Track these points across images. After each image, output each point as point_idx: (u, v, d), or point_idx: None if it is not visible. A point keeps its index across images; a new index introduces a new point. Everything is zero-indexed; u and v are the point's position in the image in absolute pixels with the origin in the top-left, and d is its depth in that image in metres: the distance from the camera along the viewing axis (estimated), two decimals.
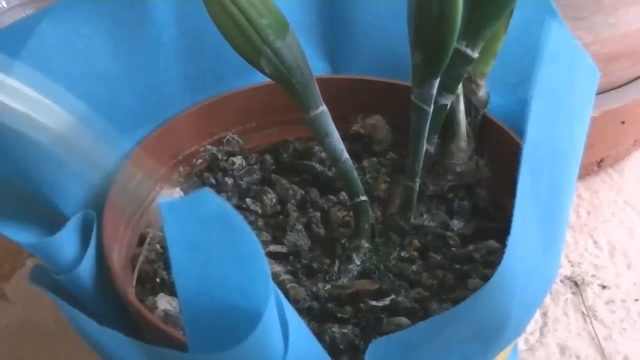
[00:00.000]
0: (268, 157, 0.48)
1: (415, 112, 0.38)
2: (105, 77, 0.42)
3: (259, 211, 0.45)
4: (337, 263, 0.41)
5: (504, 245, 0.29)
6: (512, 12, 0.41)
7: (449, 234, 0.43)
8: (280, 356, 0.29)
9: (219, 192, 0.45)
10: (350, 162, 0.40)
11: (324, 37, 0.51)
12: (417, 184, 0.41)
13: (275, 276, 0.39)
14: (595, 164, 0.67)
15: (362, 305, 0.39)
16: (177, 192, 0.45)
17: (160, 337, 0.34)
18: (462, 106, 0.45)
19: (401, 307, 0.38)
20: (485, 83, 0.45)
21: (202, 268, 0.28)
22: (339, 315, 0.38)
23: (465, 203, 0.45)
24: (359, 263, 0.41)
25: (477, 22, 0.36)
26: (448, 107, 0.41)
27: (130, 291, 0.38)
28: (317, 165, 0.47)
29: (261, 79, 0.43)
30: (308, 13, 0.50)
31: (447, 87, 0.39)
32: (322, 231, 0.43)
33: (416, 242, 0.42)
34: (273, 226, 0.44)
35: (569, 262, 0.60)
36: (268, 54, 0.36)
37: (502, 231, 0.30)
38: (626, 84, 0.64)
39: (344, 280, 0.40)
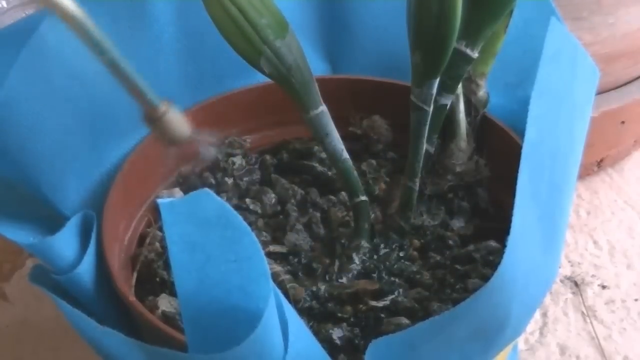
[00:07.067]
0: (268, 157, 0.48)
1: (415, 112, 0.38)
2: (106, 77, 0.42)
3: (259, 211, 0.45)
4: (337, 263, 0.41)
5: (504, 245, 0.29)
6: (511, 12, 0.41)
7: (449, 234, 0.43)
8: (280, 356, 0.29)
9: (218, 192, 0.45)
10: (350, 162, 0.40)
11: (324, 37, 0.51)
12: (417, 184, 0.41)
13: (275, 276, 0.39)
14: (595, 164, 0.67)
15: (362, 305, 0.39)
16: (177, 192, 0.45)
17: (160, 337, 0.34)
18: (462, 106, 0.45)
19: (401, 307, 0.38)
20: (485, 83, 0.45)
21: (202, 268, 0.28)
22: (339, 315, 0.38)
23: (465, 203, 0.45)
24: (359, 263, 0.41)
25: (476, 22, 0.36)
26: (448, 107, 0.41)
27: (130, 291, 0.38)
28: (317, 165, 0.47)
29: (261, 79, 0.43)
30: (308, 13, 0.50)
31: (447, 87, 0.39)
32: (322, 231, 0.43)
33: (416, 242, 0.42)
34: (273, 226, 0.44)
35: (569, 262, 0.60)
36: (268, 54, 0.36)
37: (502, 231, 0.30)
38: (626, 84, 0.64)
39: (344, 280, 0.40)
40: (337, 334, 0.37)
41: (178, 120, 0.39)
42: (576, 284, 0.58)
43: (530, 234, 0.32)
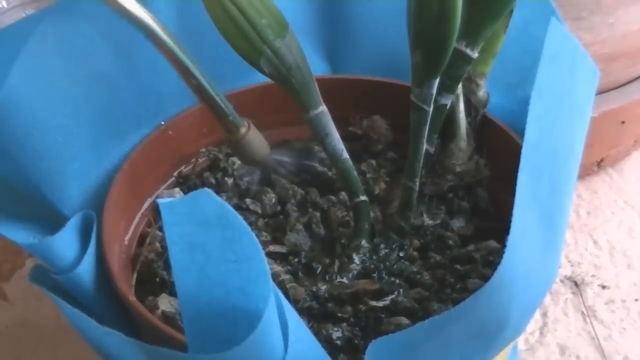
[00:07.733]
0: None
1: (415, 112, 0.38)
2: (105, 77, 0.42)
3: (259, 211, 0.45)
4: (337, 263, 0.41)
5: (504, 245, 0.29)
6: (511, 12, 0.41)
7: (449, 234, 0.43)
8: (280, 356, 0.29)
9: (218, 192, 0.45)
10: (349, 161, 0.40)
11: (324, 37, 0.51)
12: (417, 184, 0.41)
13: (275, 276, 0.39)
14: (595, 164, 0.67)
15: (362, 305, 0.39)
16: (177, 192, 0.45)
17: (160, 337, 0.34)
18: (462, 106, 0.45)
19: (401, 307, 0.38)
20: (485, 83, 0.45)
21: (202, 268, 0.28)
22: (339, 315, 0.38)
23: (465, 203, 0.45)
24: (359, 263, 0.41)
25: (476, 22, 0.36)
26: (448, 107, 0.41)
27: (130, 291, 0.38)
28: (317, 165, 0.47)
29: (261, 79, 0.43)
30: (308, 13, 0.50)
31: (447, 87, 0.39)
32: (322, 231, 0.43)
33: (416, 242, 0.42)
34: (273, 226, 0.44)
35: (569, 262, 0.60)
36: (268, 54, 0.36)
37: (502, 231, 0.30)
38: (626, 84, 0.64)
39: (344, 280, 0.40)
40: (337, 334, 0.37)
41: (258, 141, 0.39)
42: (576, 284, 0.58)
43: (530, 234, 0.32)
